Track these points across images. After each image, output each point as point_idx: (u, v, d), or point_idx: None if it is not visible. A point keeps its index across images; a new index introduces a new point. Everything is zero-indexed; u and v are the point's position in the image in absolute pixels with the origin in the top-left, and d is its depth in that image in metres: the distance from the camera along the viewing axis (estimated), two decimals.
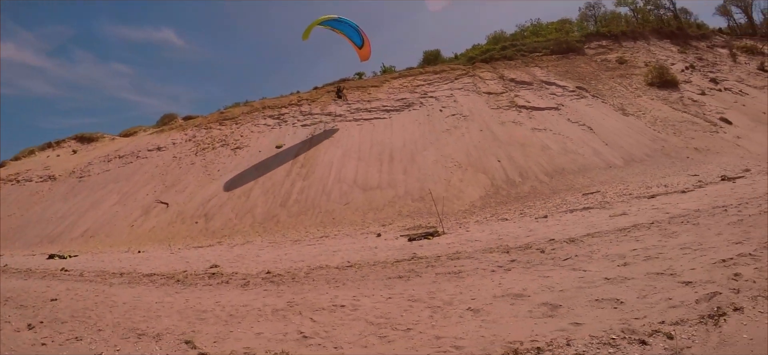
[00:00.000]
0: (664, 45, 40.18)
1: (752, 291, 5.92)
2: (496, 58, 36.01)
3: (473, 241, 12.41)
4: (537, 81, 31.91)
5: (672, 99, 30.04)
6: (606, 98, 29.76)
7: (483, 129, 25.50)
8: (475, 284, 8.05)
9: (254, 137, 28.57)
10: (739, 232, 9.19)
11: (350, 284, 8.94)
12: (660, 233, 10.28)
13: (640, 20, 44.84)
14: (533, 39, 39.99)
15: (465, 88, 31.29)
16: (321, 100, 31.81)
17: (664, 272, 7.26)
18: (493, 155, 22.64)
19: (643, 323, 5.45)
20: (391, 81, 33.42)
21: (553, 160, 22.16)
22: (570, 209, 15.78)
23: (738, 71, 36.46)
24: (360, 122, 28.18)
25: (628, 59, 36.32)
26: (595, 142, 23.89)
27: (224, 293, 9.22)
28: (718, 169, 19.58)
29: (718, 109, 28.58)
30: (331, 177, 22.35)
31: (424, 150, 23.85)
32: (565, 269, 8.26)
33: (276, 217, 19.73)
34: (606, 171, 20.99)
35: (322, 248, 14.08)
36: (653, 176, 19.60)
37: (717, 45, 42.04)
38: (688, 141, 24.33)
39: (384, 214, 18.59)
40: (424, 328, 6.19)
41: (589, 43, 38.68)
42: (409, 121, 27.45)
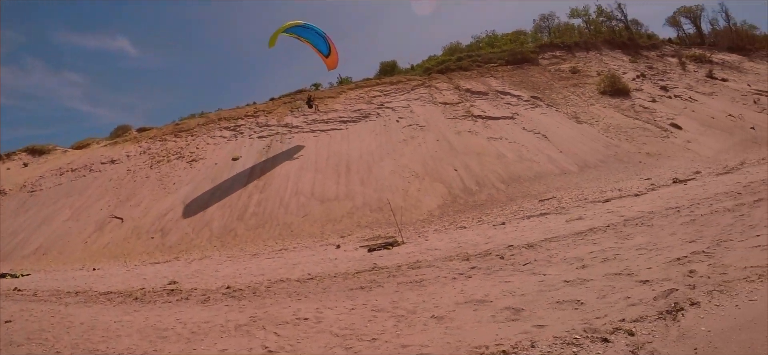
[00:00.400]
0: (615, 55, 41.39)
1: (707, 286, 6.18)
2: (452, 69, 36.36)
3: (433, 249, 12.53)
4: (492, 91, 32.38)
5: (624, 106, 30.90)
6: (560, 107, 30.41)
7: (439, 139, 25.71)
8: (437, 291, 8.11)
9: (210, 149, 28.10)
10: (692, 231, 9.59)
11: (312, 297, 8.87)
12: (616, 235, 10.60)
13: (593, 31, 46.19)
14: (489, 50, 40.64)
15: (421, 99, 31.51)
16: (277, 112, 31.51)
17: (622, 272, 7.51)
18: (450, 165, 22.85)
19: (604, 322, 5.61)
20: (347, 92, 33.40)
21: (509, 168, 22.45)
22: (527, 216, 16.07)
23: (687, 79, 37.81)
24: (317, 133, 28.05)
25: (581, 69, 37.24)
26: (550, 150, 24.36)
27: (184, 310, 9.02)
28: (669, 173, 20.23)
29: (668, 116, 29.53)
30: (289, 189, 22.10)
31: (381, 161, 23.89)
32: (525, 274, 8.42)
33: (234, 230, 19.40)
34: (561, 177, 21.41)
35: (281, 261, 13.94)
36: (607, 181, 20.10)
37: (667, 54, 43.57)
38: (640, 146, 25.04)
39: (342, 225, 18.51)
40: (390, 337, 6.20)
41: (543, 54, 39.52)
42: (366, 132, 27.48)
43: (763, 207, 10.87)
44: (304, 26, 24.04)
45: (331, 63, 25.52)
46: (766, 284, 5.97)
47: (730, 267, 6.82)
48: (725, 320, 5.18)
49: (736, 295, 5.81)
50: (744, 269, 6.65)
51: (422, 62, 40.63)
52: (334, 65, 25.79)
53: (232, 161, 25.96)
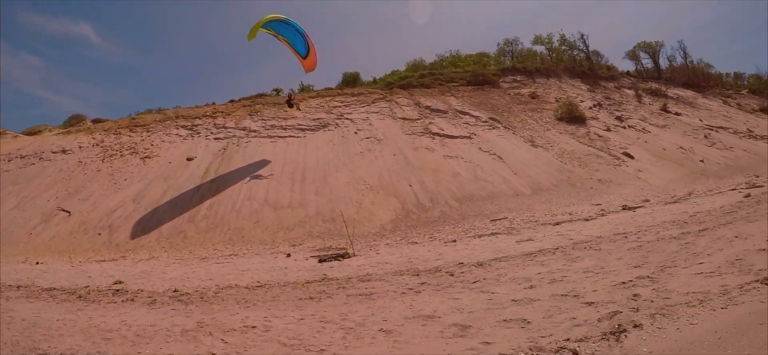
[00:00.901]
0: (575, 83, 42.51)
1: (650, 310, 6.46)
2: (413, 85, 36.70)
3: (384, 263, 12.56)
4: (452, 110, 32.81)
5: (579, 134, 31.72)
6: (517, 130, 31.01)
7: (396, 153, 25.89)
8: (387, 305, 8.20)
9: (165, 147, 27.50)
10: (638, 256, 9.95)
11: (261, 305, 8.84)
12: (564, 257, 10.88)
13: (555, 59, 47.31)
14: (451, 69, 41.23)
15: (381, 113, 31.70)
16: (236, 114, 31.14)
17: (568, 293, 7.73)
18: (405, 180, 23.00)
19: (549, 341, 5.79)
20: (308, 100, 33.28)
21: (464, 186, 22.74)
22: (479, 234, 16.27)
23: (642, 111, 39.14)
24: (274, 139, 27.85)
25: (541, 94, 38.12)
26: (505, 171, 24.78)
27: (130, 312, 8.83)
28: (619, 200, 20.79)
29: (621, 145, 30.47)
30: (242, 194, 21.82)
31: (337, 171, 23.87)
32: (474, 292, 8.57)
33: (183, 232, 18.98)
34: (514, 199, 21.77)
35: (231, 266, 13.76)
36: (559, 205, 20.57)
37: (624, 86, 45.05)
38: (592, 173, 25.72)
39: (294, 234, 18.40)
40: (338, 349, 6.26)
41: (504, 77, 40.33)
42: (324, 142, 27.43)
43: (707, 236, 11.35)
44: (284, 22, 23.05)
45: (309, 65, 24.17)
46: (707, 309, 6.28)
47: (673, 292, 7.14)
48: (666, 343, 5.43)
49: (678, 319, 6.10)
50: (686, 294, 6.98)
51: (385, 76, 40.94)
52: (311, 68, 24.38)
53: (187, 161, 25.49)
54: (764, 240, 9.92)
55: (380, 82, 38.77)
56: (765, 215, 13.41)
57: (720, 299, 6.69)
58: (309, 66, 24.10)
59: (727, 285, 7.24)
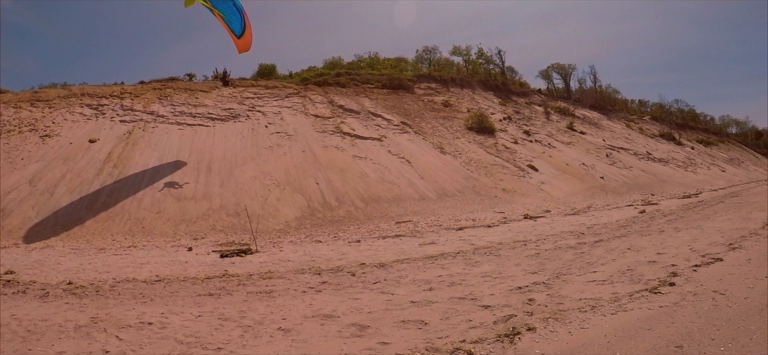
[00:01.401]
0: (487, 96, 44.15)
1: (544, 314, 6.84)
2: (329, 83, 37.00)
3: (286, 261, 12.64)
4: (365, 111, 33.30)
5: (487, 144, 33.01)
6: (427, 136, 31.86)
7: (306, 150, 25.98)
8: (287, 304, 8.24)
9: (67, 126, 26.03)
10: (536, 263, 10.51)
11: (159, 300, 8.70)
12: (465, 261, 11.32)
13: (470, 71, 48.79)
14: (368, 70, 41.87)
15: (294, 108, 31.70)
16: (145, 97, 30.00)
17: (466, 296, 8.05)
18: (313, 177, 23.13)
19: (445, 342, 6.02)
20: (221, 88, 32.74)
21: (371, 187, 23.12)
22: (383, 236, 16.65)
23: (549, 127, 41.28)
24: (182, 127, 27.16)
25: (453, 103, 39.36)
26: (412, 175, 25.39)
27: (21, 305, 8.45)
28: (522, 209, 21.89)
29: (527, 157, 31.99)
30: (145, 181, 21.19)
31: (244, 164, 23.68)
32: (374, 292, 8.75)
33: (81, 220, 18.09)
34: (419, 202, 22.37)
35: (129, 258, 13.39)
36: (463, 211, 21.36)
37: (535, 102, 47.31)
38: (497, 182, 26.83)
39: (197, 227, 18.10)
40: (235, 348, 6.22)
41: (419, 84, 41.41)
42: (233, 133, 27.11)
43: (602, 247, 12.16)
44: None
45: (243, 45, 21.91)
46: (597, 315, 6.74)
47: (567, 298, 7.59)
48: (558, 345, 5.80)
49: (570, 323, 6.49)
50: (579, 300, 7.45)
51: (301, 71, 41.00)
52: (245, 48, 22.11)
53: (89, 143, 24.34)
54: (655, 253, 10.75)
55: (296, 77, 38.73)
56: (657, 230, 14.54)
57: (610, 305, 7.15)
58: (243, 46, 22.02)
59: (618, 293, 7.75)
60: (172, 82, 33.85)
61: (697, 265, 9.28)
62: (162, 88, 31.77)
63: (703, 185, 37.61)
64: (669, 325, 6.21)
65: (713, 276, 8.39)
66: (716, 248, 10.81)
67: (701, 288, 7.68)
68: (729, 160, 59.10)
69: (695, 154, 53.34)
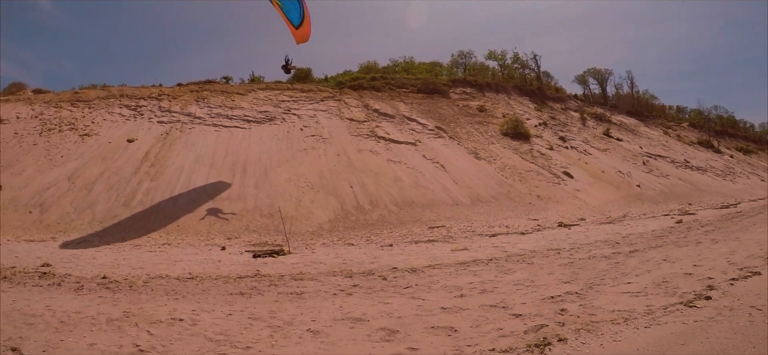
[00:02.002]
0: (523, 101, 43.59)
1: (576, 325, 6.65)
2: (364, 87, 37.02)
3: (318, 263, 12.62)
4: (399, 115, 33.18)
5: (522, 150, 32.54)
6: (462, 141, 31.55)
7: (340, 153, 25.98)
8: (317, 305, 8.18)
9: (106, 126, 26.64)
10: (569, 273, 10.22)
11: (190, 297, 8.74)
12: (497, 269, 11.11)
13: (506, 75, 48.20)
14: (403, 75, 41.66)
15: (329, 111, 31.78)
16: (182, 99, 30.50)
17: (497, 304, 7.89)
18: (347, 181, 23.10)
19: (474, 350, 5.93)
20: (257, 91, 33.03)
21: (404, 192, 22.97)
22: (415, 240, 16.50)
23: (585, 133, 40.51)
24: (219, 129, 27.51)
25: (488, 108, 38.94)
26: (446, 180, 25.16)
27: (56, 297, 8.59)
28: (556, 216, 21.53)
29: (562, 164, 31.39)
30: (181, 181, 21.49)
31: (279, 166, 23.78)
32: (405, 297, 8.64)
33: (117, 217, 18.49)
34: (453, 208, 22.14)
35: (163, 255, 13.57)
36: (497, 217, 21.07)
37: (570, 108, 46.48)
38: (532, 189, 26.40)
39: (231, 226, 18.22)
40: (264, 347, 6.19)
41: (454, 88, 41.08)
42: (268, 135, 27.29)
43: (637, 258, 11.77)
44: None
45: (301, 36, 20.36)
46: (631, 327, 6.52)
47: (600, 309, 7.37)
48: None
49: (602, 335, 6.30)
50: (612, 311, 7.23)
51: (336, 75, 40.98)
52: (304, 38, 20.54)
53: (127, 143, 24.84)
54: (691, 265, 10.37)
55: (331, 81, 38.79)
56: (693, 241, 14.04)
57: (644, 318, 6.92)
58: (301, 37, 20.47)
59: (652, 305, 7.49)
60: (208, 84, 34.32)
61: (734, 278, 8.97)
62: (199, 91, 32.25)
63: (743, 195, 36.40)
64: (703, 341, 6.02)
65: (751, 290, 8.08)
66: (755, 261, 10.35)
67: (738, 303, 7.41)
68: None
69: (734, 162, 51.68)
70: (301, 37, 20.40)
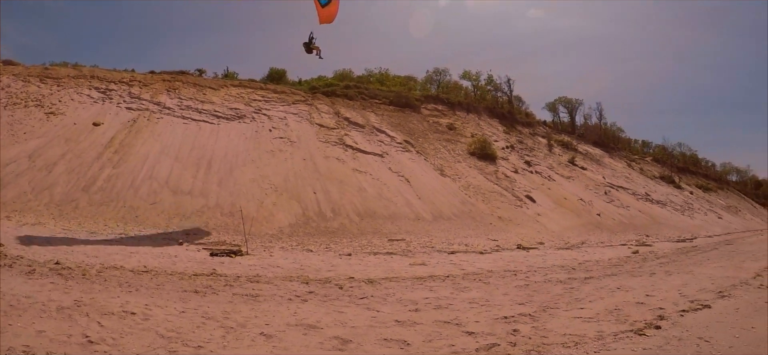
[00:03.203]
0: (492, 122, 44.18)
1: (527, 346, 6.73)
2: (337, 94, 37.08)
3: (275, 267, 12.61)
4: (369, 125, 33.39)
5: (488, 171, 33.03)
6: (429, 156, 31.90)
7: (307, 158, 26.05)
8: (271, 309, 8.15)
9: (73, 107, 26.12)
10: (524, 294, 10.35)
11: (144, 291, 8.65)
12: (453, 286, 11.20)
13: (478, 96, 48.75)
14: (377, 86, 41.91)
15: (299, 115, 31.80)
16: (153, 87, 30.13)
17: (451, 321, 7.93)
18: (311, 186, 23.16)
19: None
20: (229, 87, 32.85)
21: (367, 202, 23.14)
22: (374, 252, 16.63)
23: (551, 160, 41.32)
24: (187, 122, 27.30)
25: (458, 127, 39.38)
26: (410, 194, 25.41)
27: (6, 279, 8.36)
28: (516, 239, 21.85)
29: (526, 188, 31.99)
30: (143, 171, 21.26)
31: (244, 166, 23.74)
32: (360, 307, 8.66)
33: (76, 201, 18.18)
34: (414, 222, 22.39)
35: (119, 246, 13.37)
36: (457, 235, 21.35)
37: (538, 134, 47.35)
38: (494, 209, 26.81)
39: (190, 222, 18.10)
40: (215, 348, 6.14)
41: (426, 104, 41.43)
42: (236, 133, 27.21)
43: (592, 284, 11.95)
44: None
45: (326, 15, 18.20)
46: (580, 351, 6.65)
47: (551, 332, 7.45)
48: None
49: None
50: (564, 335, 7.31)
51: (310, 79, 41.03)
52: (329, 18, 18.33)
53: (93, 126, 24.43)
54: (644, 294, 10.51)
55: (305, 85, 38.79)
56: (648, 272, 14.32)
57: (594, 343, 7.03)
58: (326, 16, 18.26)
59: (603, 331, 7.59)
60: (181, 75, 33.97)
61: (684, 310, 9.14)
62: (171, 81, 31.94)
63: (699, 231, 37.54)
64: None
65: (700, 323, 8.27)
66: (705, 295, 10.59)
67: (686, 333, 7.59)
68: (727, 207, 59.07)
69: (693, 198, 53.32)
70: (327, 16, 18.29)
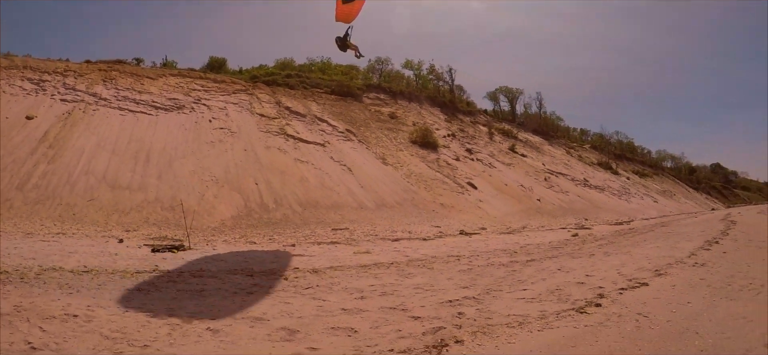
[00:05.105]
0: (434, 111, 44.93)
1: (473, 328, 6.93)
2: (278, 84, 36.96)
3: (219, 260, 12.53)
4: (311, 115, 33.45)
5: (430, 159, 33.64)
6: (370, 145, 32.25)
7: (248, 149, 25.98)
8: (217, 304, 8.13)
9: (5, 100, 25.04)
10: (468, 279, 10.62)
11: (85, 292, 8.45)
12: (398, 272, 11.43)
13: (420, 85, 49.41)
14: (319, 75, 41.97)
15: (240, 105, 31.57)
16: (89, 77, 29.25)
17: (397, 307, 8.08)
18: (252, 177, 23.14)
19: (374, 350, 6.09)
20: (168, 77, 32.26)
21: (310, 192, 23.30)
22: (318, 242, 16.81)
23: (492, 147, 42.39)
24: (124, 113, 26.69)
25: (400, 116, 39.90)
26: (352, 183, 25.71)
27: None
28: (458, 225, 22.48)
29: (467, 175, 32.75)
30: (80, 166, 20.74)
31: (184, 157, 23.49)
32: (305, 298, 8.70)
33: (10, 201, 17.60)
34: (357, 211, 22.71)
35: (57, 246, 13.04)
36: (400, 222, 21.75)
37: (479, 122, 48.42)
38: (436, 197, 27.36)
39: (130, 218, 17.87)
40: (162, 346, 6.09)
41: (368, 93, 41.88)
42: (175, 124, 26.84)
43: (533, 267, 12.38)
44: None
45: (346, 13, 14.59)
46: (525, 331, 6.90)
47: (496, 314, 7.67)
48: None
49: (497, 337, 6.59)
50: (507, 316, 7.55)
51: (251, 68, 40.76)
52: (347, 17, 14.82)
53: (26, 120, 23.59)
54: (584, 275, 10.96)
55: (245, 74, 38.47)
56: (587, 253, 14.93)
57: (537, 322, 7.25)
58: (345, 14, 14.71)
59: (546, 311, 7.83)
60: (118, 64, 33.08)
61: (623, 288, 9.52)
62: (108, 70, 31.09)
63: (636, 214, 39.26)
64: (593, 343, 6.44)
65: (638, 300, 8.61)
66: (643, 274, 11.05)
67: (626, 310, 7.91)
68: (662, 192, 61.88)
69: (630, 184, 55.74)
70: (346, 14, 14.85)
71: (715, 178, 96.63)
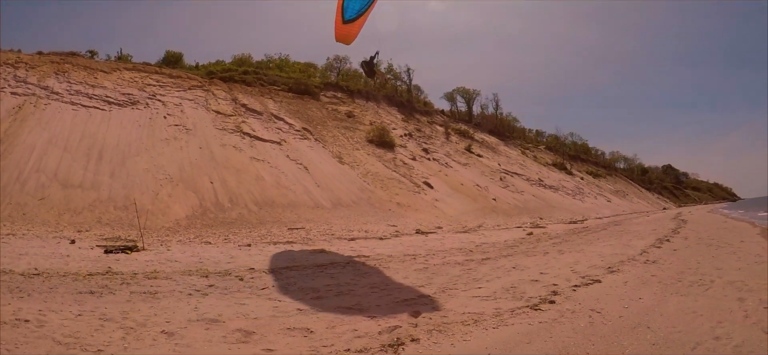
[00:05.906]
0: (391, 111, 45.35)
1: (428, 326, 7.03)
2: (235, 80, 36.81)
3: (173, 261, 12.47)
4: (268, 113, 33.46)
5: (386, 158, 33.96)
6: (327, 144, 32.39)
7: (203, 147, 25.88)
8: (171, 306, 8.04)
9: None
10: (424, 277, 10.82)
11: (36, 296, 8.33)
12: (354, 272, 11.61)
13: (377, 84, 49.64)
14: (276, 72, 41.97)
15: (196, 101, 31.37)
16: (41, 69, 28.60)
17: (353, 306, 8.18)
18: (207, 176, 23.07)
19: (330, 350, 6.12)
20: (123, 71, 31.76)
21: (265, 191, 23.34)
22: (274, 242, 16.78)
23: (448, 147, 43.01)
24: (77, 108, 26.18)
25: (357, 115, 40.14)
26: (308, 182, 25.81)
27: None
28: (415, 224, 22.69)
29: (424, 175, 33.17)
30: (30, 164, 20.31)
31: (138, 155, 23.24)
32: (261, 298, 8.72)
33: None
34: (313, 211, 22.80)
35: (7, 248, 12.74)
36: (356, 222, 21.86)
37: (436, 123, 49.11)
38: (393, 196, 27.64)
39: (82, 218, 17.61)
40: (115, 350, 5.97)
41: (326, 91, 42.08)
42: (129, 121, 26.48)
43: (488, 265, 12.62)
44: None
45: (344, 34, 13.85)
46: (480, 328, 7.01)
47: (451, 312, 7.76)
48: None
49: (453, 335, 6.67)
50: (463, 314, 7.66)
51: (208, 64, 40.43)
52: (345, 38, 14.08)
53: None
54: (538, 273, 11.21)
55: (202, 70, 38.23)
56: (542, 252, 15.34)
57: (493, 319, 7.31)
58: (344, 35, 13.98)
59: (501, 308, 7.90)
60: (72, 57, 32.42)
61: (576, 285, 9.73)
62: (60, 63, 30.42)
63: (589, 213, 40.44)
64: (547, 339, 6.59)
65: (591, 296, 8.81)
66: (596, 271, 11.33)
67: (579, 306, 8.08)
68: (615, 191, 63.91)
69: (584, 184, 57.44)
70: (344, 35, 14.19)
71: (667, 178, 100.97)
